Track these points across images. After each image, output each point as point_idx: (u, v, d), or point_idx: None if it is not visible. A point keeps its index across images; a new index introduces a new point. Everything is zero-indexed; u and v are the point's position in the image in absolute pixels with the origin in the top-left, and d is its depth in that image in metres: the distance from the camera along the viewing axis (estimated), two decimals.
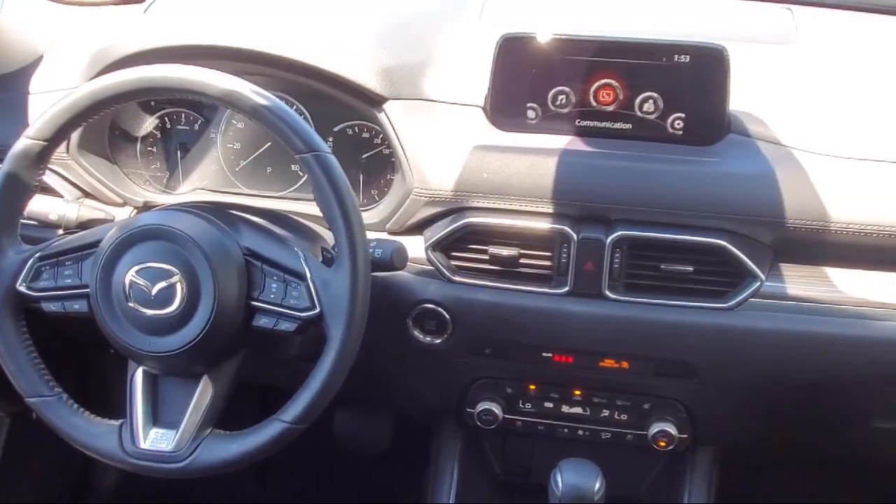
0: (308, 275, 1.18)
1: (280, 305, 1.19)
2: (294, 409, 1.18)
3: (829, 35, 1.52)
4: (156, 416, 1.24)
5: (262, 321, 1.20)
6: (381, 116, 1.37)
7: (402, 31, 1.45)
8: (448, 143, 1.34)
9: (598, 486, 1.27)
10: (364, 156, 1.47)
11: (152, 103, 1.52)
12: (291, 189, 1.50)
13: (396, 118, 1.35)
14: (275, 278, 1.20)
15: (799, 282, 1.30)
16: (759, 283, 1.28)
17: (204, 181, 1.54)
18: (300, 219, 1.38)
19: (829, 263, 1.30)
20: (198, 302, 1.17)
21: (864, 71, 1.43)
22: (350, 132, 1.47)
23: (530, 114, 1.33)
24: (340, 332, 1.16)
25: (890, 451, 1.55)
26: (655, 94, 1.29)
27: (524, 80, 1.32)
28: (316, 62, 1.34)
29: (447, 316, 1.36)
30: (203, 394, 1.22)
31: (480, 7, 1.59)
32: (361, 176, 1.48)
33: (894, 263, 1.28)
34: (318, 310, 1.17)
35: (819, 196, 1.25)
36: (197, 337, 1.17)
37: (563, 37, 1.30)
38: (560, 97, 1.32)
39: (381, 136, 1.43)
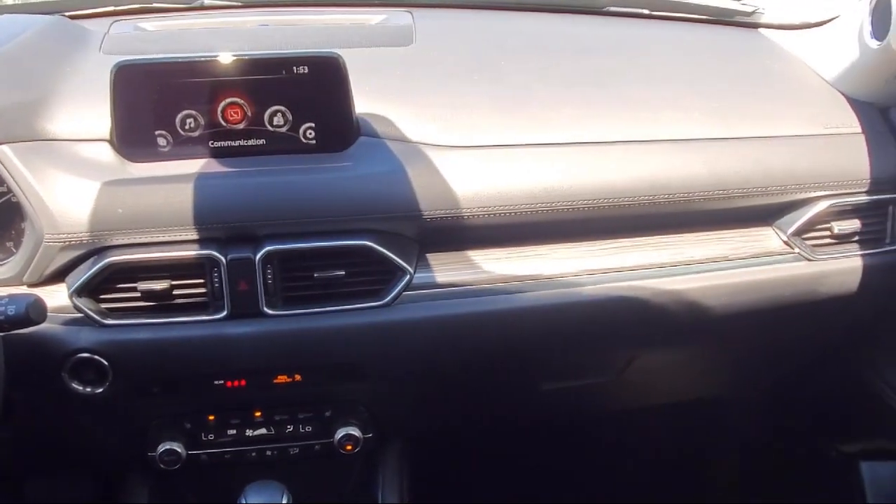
0: None
1: None
2: None
3: (445, 33, 1.60)
4: None
5: None
6: None
7: (6, 69, 1.35)
8: (76, 183, 1.27)
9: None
10: None
11: None
12: None
13: (11, 163, 1.26)
14: None
15: (447, 269, 1.36)
16: (408, 277, 1.33)
17: None
18: None
19: (470, 247, 1.38)
20: None
21: (477, 63, 1.52)
22: None
23: (161, 141, 1.29)
24: None
25: (559, 406, 1.68)
26: (283, 108, 1.30)
27: (148, 108, 1.28)
28: None
29: (105, 362, 1.29)
30: None
31: (101, 38, 1.53)
32: None
33: (524, 239, 1.38)
34: None
35: (448, 185, 1.31)
36: None
37: (179, 60, 1.27)
38: (189, 121, 1.29)
39: (5, 183, 1.33)
